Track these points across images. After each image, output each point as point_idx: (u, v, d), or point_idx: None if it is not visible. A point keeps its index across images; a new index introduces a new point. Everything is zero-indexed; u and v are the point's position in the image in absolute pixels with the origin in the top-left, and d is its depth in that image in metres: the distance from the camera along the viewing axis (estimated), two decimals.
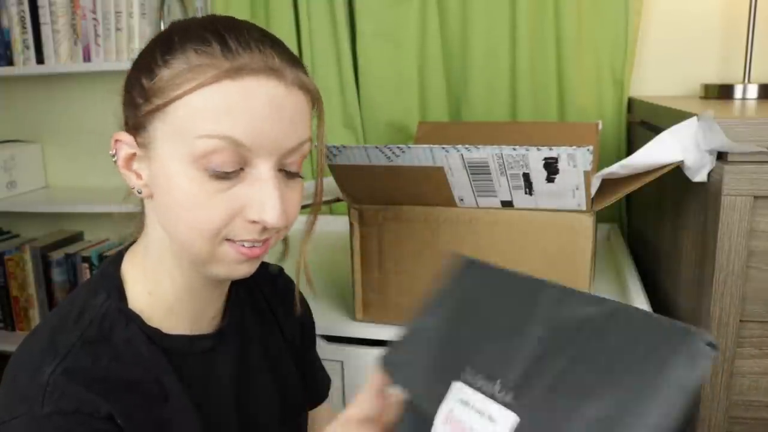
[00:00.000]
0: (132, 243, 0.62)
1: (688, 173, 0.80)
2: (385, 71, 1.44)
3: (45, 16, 1.54)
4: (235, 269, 0.56)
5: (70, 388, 0.50)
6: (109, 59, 1.53)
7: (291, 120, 0.53)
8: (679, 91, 1.39)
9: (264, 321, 0.72)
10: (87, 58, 1.54)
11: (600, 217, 1.32)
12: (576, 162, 0.73)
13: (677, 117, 0.83)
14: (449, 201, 0.85)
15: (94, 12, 1.51)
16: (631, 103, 1.35)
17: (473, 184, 0.81)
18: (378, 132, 1.48)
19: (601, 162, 1.26)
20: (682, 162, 0.79)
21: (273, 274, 0.76)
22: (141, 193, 0.56)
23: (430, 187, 0.83)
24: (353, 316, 0.96)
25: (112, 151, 0.56)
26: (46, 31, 1.55)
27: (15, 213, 1.75)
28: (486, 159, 0.76)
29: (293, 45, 1.47)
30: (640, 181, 0.80)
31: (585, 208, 0.80)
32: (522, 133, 1.15)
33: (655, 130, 0.92)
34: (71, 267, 1.72)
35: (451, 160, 0.78)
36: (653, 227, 1.15)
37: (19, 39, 1.57)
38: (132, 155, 0.55)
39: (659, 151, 0.78)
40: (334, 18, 1.43)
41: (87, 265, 1.70)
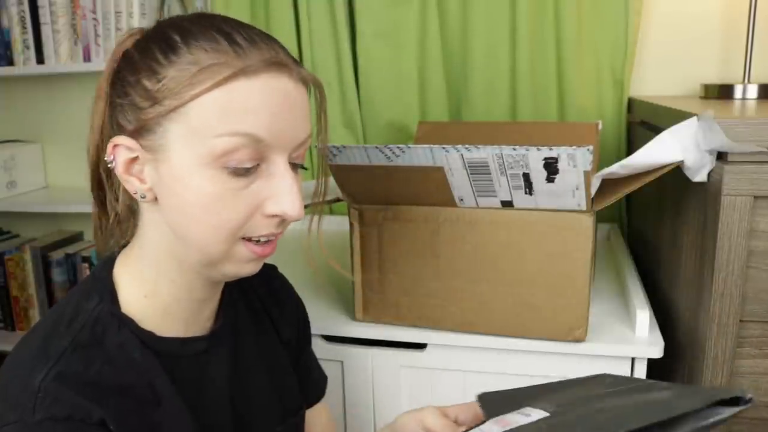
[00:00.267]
0: (123, 246, 0.61)
1: (688, 173, 0.80)
2: (385, 71, 1.44)
3: (45, 16, 1.54)
4: (243, 268, 0.57)
5: (62, 393, 0.50)
6: None
7: (301, 113, 0.55)
8: (679, 91, 1.39)
9: (258, 321, 0.71)
10: (87, 58, 1.54)
11: (600, 217, 1.32)
12: (576, 162, 0.73)
13: (677, 117, 0.83)
14: (449, 201, 0.85)
15: (94, 12, 1.51)
16: (631, 103, 1.35)
17: (473, 184, 0.81)
18: (378, 132, 1.48)
19: (601, 162, 1.26)
20: (682, 162, 0.79)
21: (267, 274, 0.75)
22: (144, 198, 0.54)
23: (430, 187, 0.83)
24: (353, 316, 0.96)
25: (109, 157, 0.54)
26: (46, 31, 1.55)
27: (15, 213, 1.75)
28: (486, 159, 0.76)
29: (293, 45, 1.47)
30: (640, 181, 0.80)
31: (585, 208, 0.80)
32: (522, 133, 1.15)
33: (655, 130, 0.92)
34: (71, 267, 1.72)
35: (451, 160, 0.78)
36: (653, 227, 1.15)
37: (19, 39, 1.57)
38: (132, 160, 0.54)
39: (659, 151, 0.78)
40: (334, 18, 1.43)
41: (87, 265, 1.70)
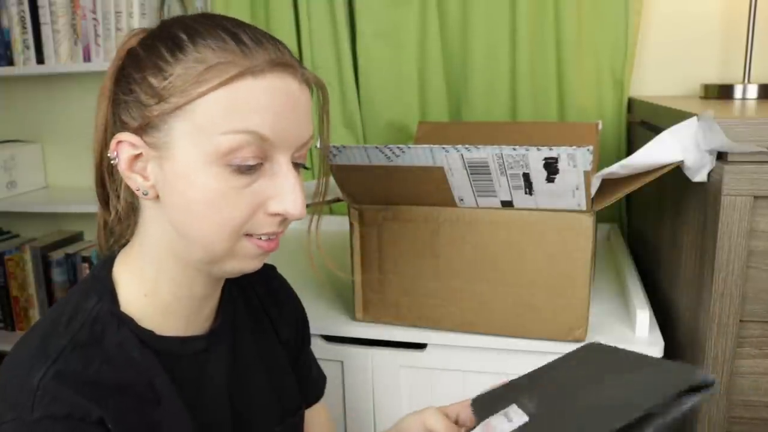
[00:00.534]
0: (123, 245, 0.61)
1: (688, 173, 0.80)
2: (385, 71, 1.44)
3: (45, 16, 1.54)
4: (248, 264, 0.57)
5: (60, 392, 0.50)
6: (109, 59, 1.50)
7: (304, 114, 0.55)
8: (679, 92, 1.39)
9: (257, 320, 0.72)
10: (87, 58, 1.54)
11: (600, 217, 1.32)
12: (576, 162, 0.73)
13: (677, 117, 0.83)
14: (449, 201, 0.85)
15: (94, 12, 1.51)
16: (631, 104, 1.35)
17: (473, 184, 0.81)
18: (378, 132, 1.48)
19: (601, 162, 1.26)
20: (682, 162, 0.78)
21: (266, 274, 0.75)
22: (147, 195, 0.55)
23: (430, 187, 0.83)
24: (353, 316, 0.96)
25: (112, 153, 0.55)
26: (46, 31, 1.55)
27: (15, 213, 1.75)
28: (486, 159, 0.76)
29: (293, 45, 1.47)
30: (640, 181, 0.80)
31: (585, 208, 0.80)
32: (522, 133, 1.15)
33: (655, 130, 0.92)
34: (71, 267, 1.72)
35: (451, 160, 0.78)
36: (653, 227, 1.15)
37: (19, 39, 1.57)
38: (136, 156, 0.54)
39: (659, 151, 0.78)
40: (334, 18, 1.43)
41: (87, 265, 1.70)
